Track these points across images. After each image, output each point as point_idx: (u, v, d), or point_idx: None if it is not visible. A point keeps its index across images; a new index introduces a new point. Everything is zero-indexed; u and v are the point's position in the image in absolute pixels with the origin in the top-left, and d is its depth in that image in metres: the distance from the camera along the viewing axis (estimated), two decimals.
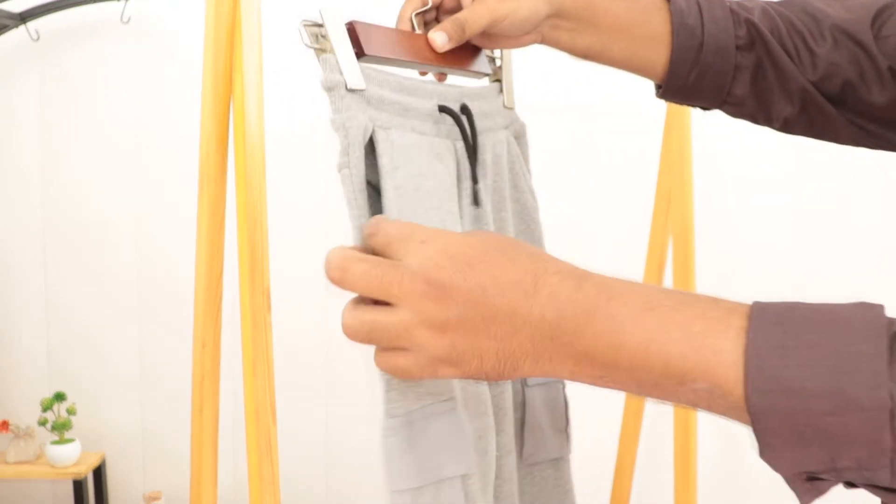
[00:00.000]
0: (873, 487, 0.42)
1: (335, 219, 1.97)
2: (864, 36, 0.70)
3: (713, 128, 1.95)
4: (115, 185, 1.97)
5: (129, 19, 1.89)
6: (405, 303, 0.47)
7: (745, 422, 0.45)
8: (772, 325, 0.42)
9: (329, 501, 2.06)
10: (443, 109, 0.65)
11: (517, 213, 0.74)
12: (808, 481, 0.44)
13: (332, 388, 2.02)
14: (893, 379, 0.39)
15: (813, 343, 0.41)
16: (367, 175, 0.58)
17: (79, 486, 1.88)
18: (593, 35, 0.70)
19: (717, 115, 0.82)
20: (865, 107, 0.72)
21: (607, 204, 1.94)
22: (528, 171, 0.75)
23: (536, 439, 0.76)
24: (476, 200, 0.67)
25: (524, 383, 0.74)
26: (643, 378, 0.45)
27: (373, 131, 0.59)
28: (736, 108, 0.77)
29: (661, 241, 1.53)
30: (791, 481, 0.45)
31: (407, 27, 0.69)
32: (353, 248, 0.53)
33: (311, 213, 1.97)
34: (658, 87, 0.77)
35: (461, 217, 0.66)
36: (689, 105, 0.79)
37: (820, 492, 0.45)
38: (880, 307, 0.42)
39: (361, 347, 0.63)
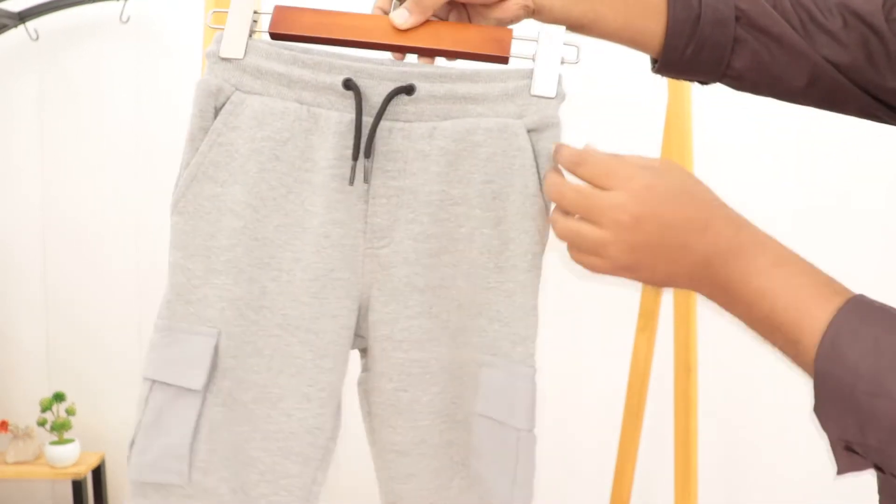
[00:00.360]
0: (894, 476, 0.52)
1: None
2: (875, 18, 0.69)
3: (714, 128, 1.95)
4: (114, 184, 1.97)
5: (128, 19, 1.88)
6: (608, 227, 0.58)
7: (809, 373, 0.54)
8: (857, 313, 0.53)
9: (329, 501, 2.05)
10: (347, 86, 0.67)
11: (482, 207, 0.68)
12: (846, 450, 0.53)
13: None
14: None
15: (878, 337, 0.51)
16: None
17: (78, 486, 1.88)
18: (587, 2, 0.68)
19: (718, 114, 0.81)
20: (873, 87, 0.71)
21: None
22: (537, 169, 0.68)
23: (476, 472, 0.71)
24: (352, 180, 0.67)
25: (474, 408, 0.70)
26: (754, 314, 0.57)
27: (231, 95, 0.67)
28: (735, 82, 0.76)
29: None
30: (833, 447, 0.54)
31: (387, 7, 0.70)
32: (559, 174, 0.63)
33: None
34: (654, 61, 0.75)
35: (325, 191, 0.68)
36: (686, 79, 0.78)
37: (855, 466, 0.53)
38: None
39: None
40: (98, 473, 1.96)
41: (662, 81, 1.54)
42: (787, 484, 2.06)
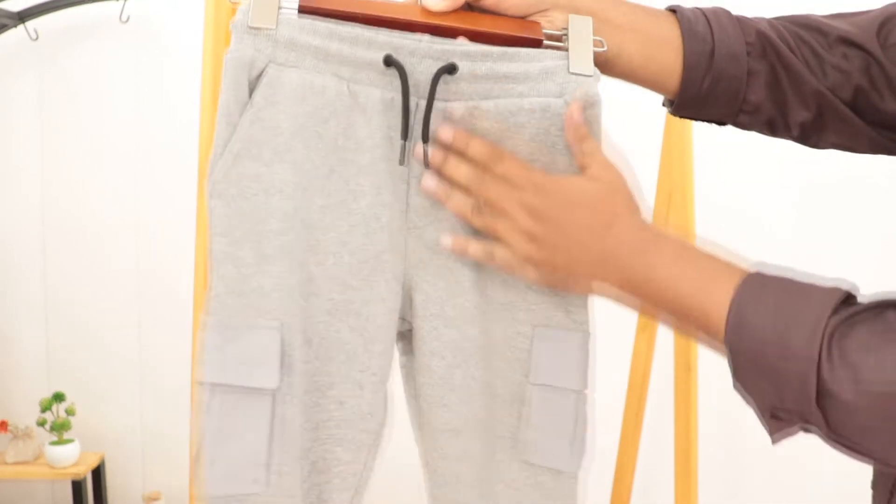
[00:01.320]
0: (818, 433, 0.53)
1: None
2: (871, 45, 0.71)
3: (714, 128, 1.95)
4: (114, 184, 1.96)
5: (128, 19, 1.88)
6: (510, 213, 0.64)
7: (722, 353, 0.57)
8: (758, 285, 0.55)
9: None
10: (388, 62, 0.65)
11: None
12: (773, 418, 0.55)
13: None
14: (825, 340, 0.50)
15: (780, 303, 0.53)
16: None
17: (78, 486, 1.88)
18: (608, 33, 0.68)
19: None
20: (879, 115, 0.72)
21: None
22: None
23: (532, 440, 0.72)
24: (403, 160, 0.66)
25: (527, 379, 0.72)
26: (662, 305, 0.60)
27: (266, 67, 0.63)
28: (752, 117, 0.77)
29: None
30: (762, 416, 0.56)
31: None
32: None
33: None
34: (670, 102, 0.76)
35: (373, 172, 0.67)
36: (702, 119, 0.79)
37: (786, 432, 0.56)
38: (849, 285, 0.54)
39: None
40: (98, 473, 1.96)
41: None
42: (788, 484, 2.06)
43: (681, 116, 0.78)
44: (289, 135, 0.64)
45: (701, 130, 1.74)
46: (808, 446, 0.59)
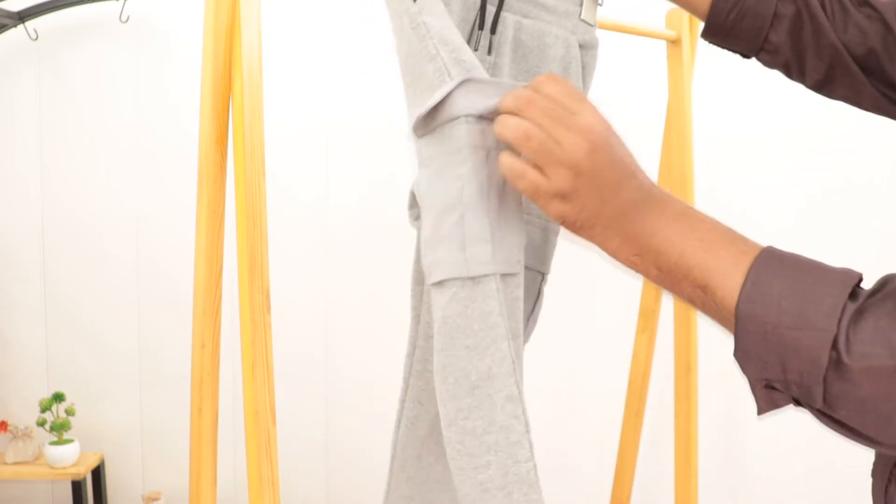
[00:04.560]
0: (810, 408, 0.54)
1: (335, 218, 1.97)
2: (890, 16, 0.76)
3: (714, 128, 1.95)
4: (114, 184, 1.96)
5: (127, 18, 1.88)
6: (569, 146, 0.61)
7: (724, 323, 0.58)
8: (776, 258, 0.56)
9: (329, 501, 2.05)
10: None
11: None
12: (765, 388, 0.56)
13: (332, 389, 2.02)
14: (844, 316, 0.51)
15: (798, 278, 0.54)
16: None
17: (77, 486, 1.88)
18: None
19: (719, 114, 0.83)
20: (885, 77, 0.79)
21: None
22: (587, 85, 0.88)
23: None
24: (477, 46, 0.80)
25: None
26: (662, 262, 0.59)
27: None
28: (771, 57, 0.84)
29: None
30: (753, 387, 0.57)
31: None
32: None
33: (311, 212, 1.97)
34: (705, 29, 0.86)
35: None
36: (728, 48, 0.87)
37: (775, 403, 0.56)
38: (859, 274, 0.55)
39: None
40: (97, 474, 1.96)
41: (663, 81, 1.54)
42: (787, 483, 2.06)
43: (709, 42, 0.87)
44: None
45: (702, 131, 1.74)
46: (808, 447, 0.59)
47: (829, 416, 0.54)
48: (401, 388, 0.86)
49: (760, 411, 0.58)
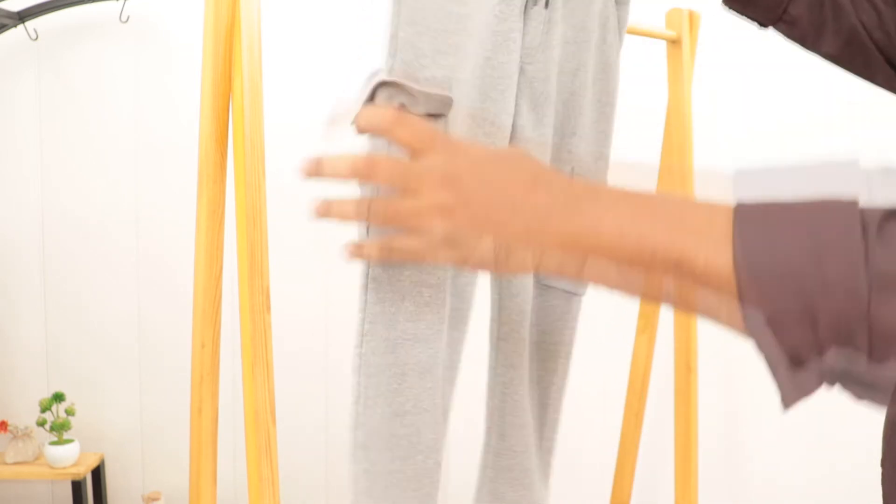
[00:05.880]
0: (849, 379, 0.43)
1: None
2: None
3: (714, 129, 1.95)
4: (113, 184, 1.96)
5: (127, 18, 1.88)
6: (421, 190, 0.55)
7: (712, 300, 0.47)
8: (755, 207, 0.45)
9: (329, 501, 2.05)
10: None
11: (599, 63, 0.93)
12: (790, 369, 0.44)
13: (332, 389, 2.02)
14: (867, 230, 0.41)
15: (793, 216, 0.44)
16: None
17: (77, 486, 1.88)
18: None
19: (718, 112, 0.83)
20: None
21: None
22: (621, 40, 0.93)
23: None
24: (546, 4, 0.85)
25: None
26: (618, 254, 0.49)
27: None
28: (789, 28, 0.85)
29: None
30: (776, 370, 0.45)
31: None
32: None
33: (311, 212, 1.96)
34: None
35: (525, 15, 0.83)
36: (746, 17, 0.87)
37: (803, 389, 0.44)
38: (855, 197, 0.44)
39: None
40: (97, 474, 1.96)
41: (663, 81, 1.54)
42: (787, 484, 2.06)
43: (728, 7, 0.87)
44: None
45: (702, 132, 1.74)
46: (808, 447, 0.59)
47: (878, 374, 0.43)
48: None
49: (787, 402, 0.45)
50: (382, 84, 0.71)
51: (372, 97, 0.72)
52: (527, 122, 0.85)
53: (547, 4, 0.85)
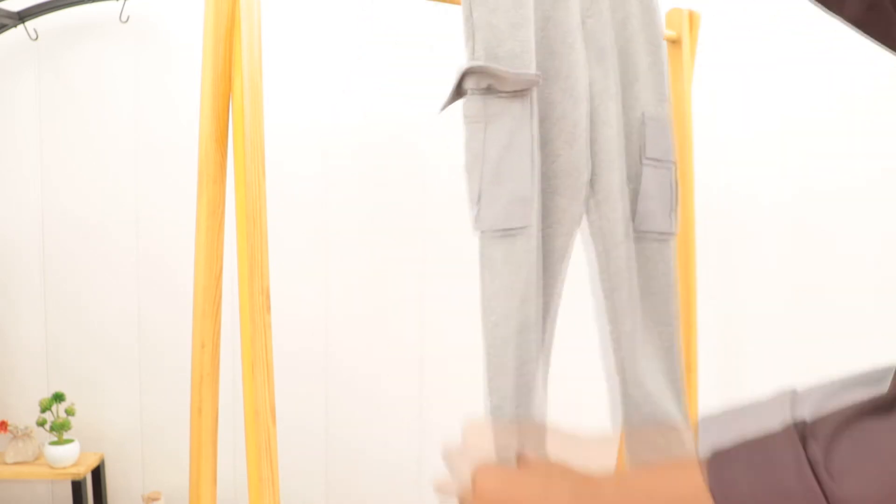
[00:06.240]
0: None
1: (335, 219, 1.97)
2: None
3: (714, 127, 1.95)
4: (113, 184, 1.96)
5: (127, 18, 1.88)
6: None
7: None
8: (720, 462, 0.54)
9: (329, 501, 2.05)
10: None
11: (642, 8, 0.98)
12: None
13: (332, 388, 2.02)
14: (812, 465, 0.49)
15: (750, 465, 0.52)
16: None
17: (77, 486, 1.88)
18: None
19: (719, 114, 0.83)
20: None
21: None
22: (661, 19, 1.00)
23: (646, 211, 0.94)
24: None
25: (642, 157, 0.94)
26: None
27: None
28: None
29: None
30: None
31: None
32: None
33: (310, 212, 1.97)
34: None
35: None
36: None
37: None
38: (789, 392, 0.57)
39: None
40: (97, 474, 1.96)
41: None
42: None
43: None
44: None
45: (702, 131, 1.74)
46: None
47: None
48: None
49: None
50: (468, 72, 0.76)
51: (460, 86, 0.76)
52: (596, 75, 0.90)
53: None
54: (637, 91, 0.96)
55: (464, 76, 0.76)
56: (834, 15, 0.87)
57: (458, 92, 0.78)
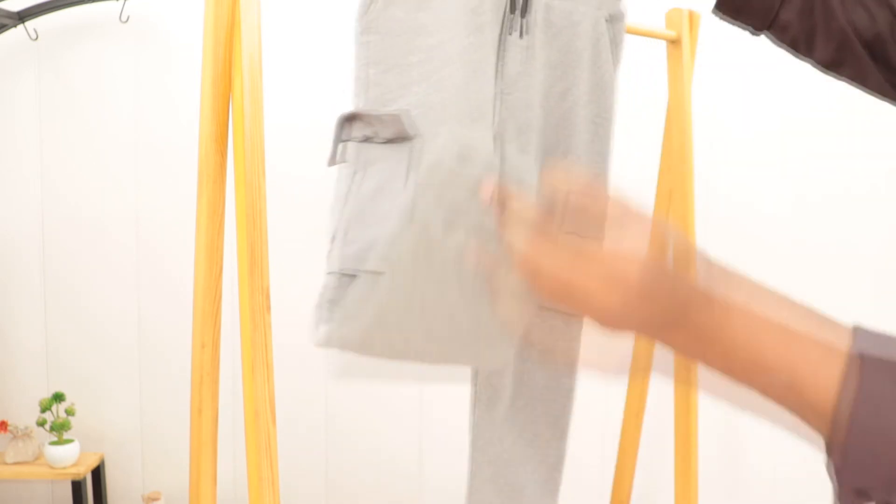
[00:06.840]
0: None
1: None
2: None
3: (714, 128, 1.95)
4: (114, 184, 1.96)
5: (127, 18, 1.88)
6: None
7: (810, 421, 0.50)
8: (874, 357, 0.47)
9: (329, 501, 2.05)
10: None
11: (592, 83, 0.94)
12: (857, 495, 0.48)
13: (332, 389, 2.02)
14: None
15: None
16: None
17: (77, 486, 1.88)
18: None
19: (719, 114, 0.83)
20: (890, 63, 0.79)
21: None
22: (618, 57, 0.96)
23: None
24: (511, 30, 0.87)
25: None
26: (734, 363, 0.50)
27: None
28: (780, 34, 0.85)
29: None
30: (843, 493, 0.48)
31: None
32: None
33: (310, 212, 1.96)
34: (716, 6, 0.88)
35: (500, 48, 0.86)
36: (738, 23, 0.88)
37: None
38: None
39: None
40: (97, 474, 1.96)
41: (663, 81, 1.54)
42: (787, 484, 2.06)
43: (720, 16, 0.88)
44: None
45: (702, 131, 1.74)
46: (807, 448, 0.59)
47: None
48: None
49: None
50: (346, 119, 0.78)
51: (341, 133, 0.78)
52: (510, 149, 0.87)
53: (522, 34, 0.86)
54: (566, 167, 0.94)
55: (343, 124, 0.77)
56: (805, 59, 0.87)
57: (340, 141, 0.78)
